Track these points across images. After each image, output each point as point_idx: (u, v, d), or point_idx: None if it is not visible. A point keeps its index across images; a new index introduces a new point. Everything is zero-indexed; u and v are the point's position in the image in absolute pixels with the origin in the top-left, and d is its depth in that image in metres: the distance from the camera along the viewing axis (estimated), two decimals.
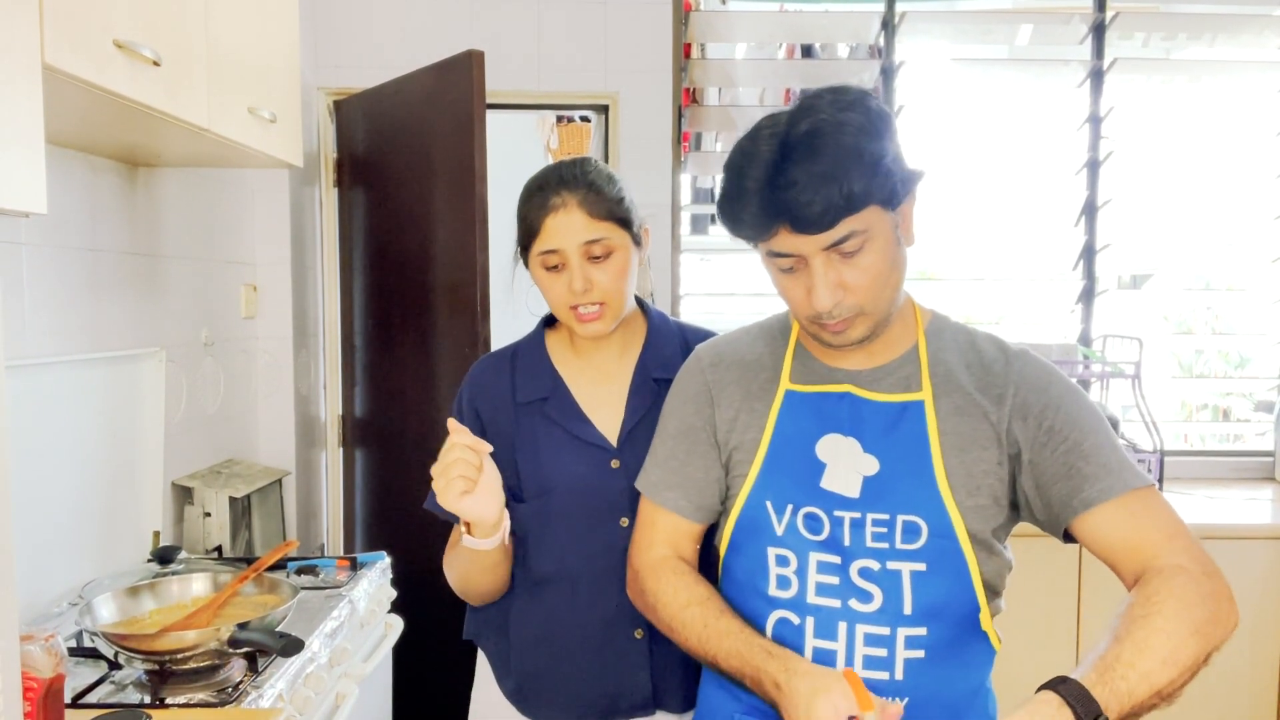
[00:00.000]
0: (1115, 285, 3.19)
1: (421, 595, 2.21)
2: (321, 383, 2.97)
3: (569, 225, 1.26)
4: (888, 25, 2.99)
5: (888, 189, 0.98)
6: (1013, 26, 3.39)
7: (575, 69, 2.88)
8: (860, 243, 0.99)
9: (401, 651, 2.05)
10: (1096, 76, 3.01)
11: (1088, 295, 3.07)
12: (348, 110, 2.84)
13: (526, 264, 1.34)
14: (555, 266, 1.28)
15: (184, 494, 2.20)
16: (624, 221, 1.29)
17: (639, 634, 1.31)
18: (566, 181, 1.28)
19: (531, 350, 1.40)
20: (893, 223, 1.02)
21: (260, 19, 1.86)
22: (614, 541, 1.30)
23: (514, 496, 1.32)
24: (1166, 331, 4.11)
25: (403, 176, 2.64)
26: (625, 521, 1.30)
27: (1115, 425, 2.75)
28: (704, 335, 1.38)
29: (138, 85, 1.36)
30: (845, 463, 1.08)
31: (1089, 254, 3.06)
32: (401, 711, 2.20)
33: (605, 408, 1.35)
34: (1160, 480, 2.70)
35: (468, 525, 1.23)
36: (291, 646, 1.40)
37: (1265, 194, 3.09)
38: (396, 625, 2.00)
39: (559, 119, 4.11)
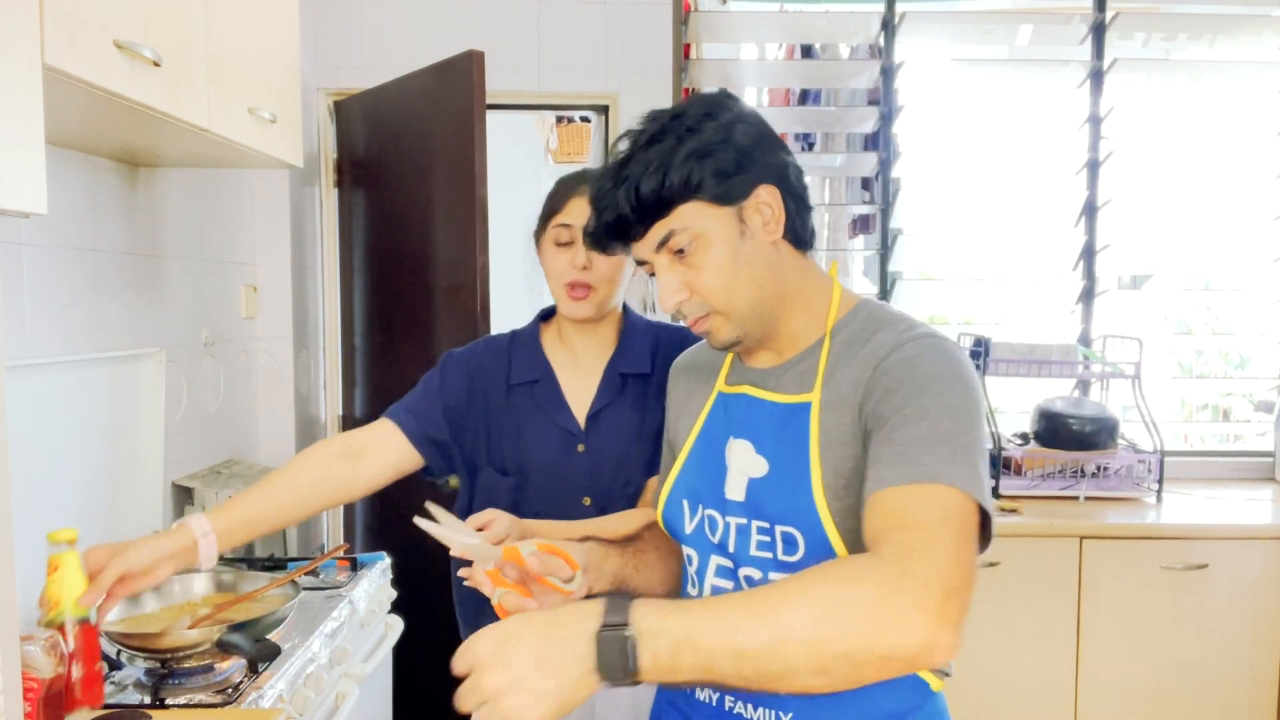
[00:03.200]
0: (1115, 285, 3.19)
1: (421, 595, 2.21)
2: (321, 383, 2.97)
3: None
4: (888, 25, 2.99)
5: (701, 186, 0.98)
6: (1013, 27, 3.39)
7: (575, 69, 2.88)
8: (686, 240, 1.00)
9: (401, 651, 2.05)
10: (1096, 77, 3.01)
11: (1088, 295, 3.07)
12: (348, 110, 2.84)
13: (539, 246, 1.50)
14: (567, 242, 1.43)
15: (184, 494, 2.20)
16: None
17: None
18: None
19: (528, 338, 1.54)
20: (733, 218, 1.01)
21: (260, 19, 1.86)
22: (576, 519, 1.40)
23: (500, 470, 1.47)
24: (1166, 332, 4.10)
25: (403, 177, 2.64)
26: (588, 501, 1.44)
27: (1114, 426, 2.75)
28: (675, 333, 1.51)
29: (138, 85, 1.36)
30: (737, 465, 1.06)
31: (1089, 254, 3.06)
32: (401, 711, 2.20)
33: (579, 397, 1.48)
34: (1160, 480, 2.70)
35: None
36: (265, 652, 1.40)
37: (1265, 194, 3.10)
38: (396, 625, 2.00)
39: (559, 119, 4.11)
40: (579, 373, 1.50)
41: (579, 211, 1.39)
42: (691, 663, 0.78)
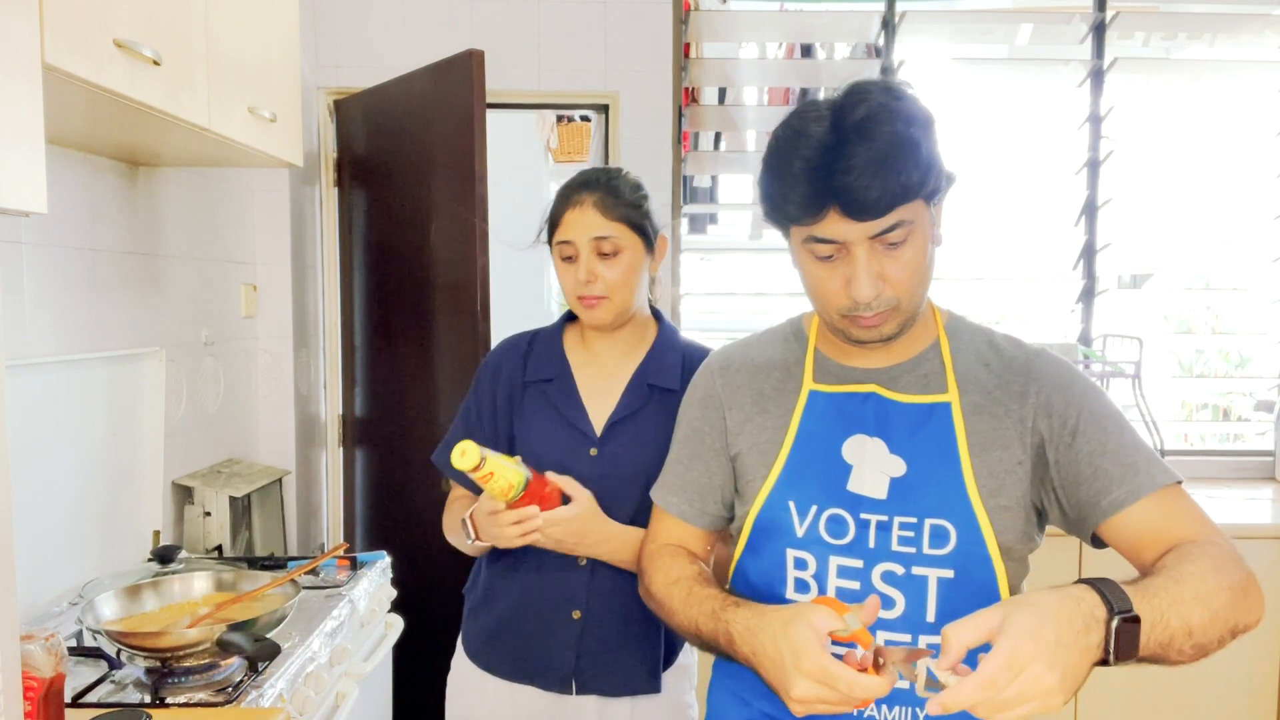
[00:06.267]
0: (1115, 285, 3.19)
1: (421, 595, 2.21)
2: (321, 383, 2.97)
3: (582, 220, 1.39)
4: (888, 25, 2.99)
5: (933, 183, 0.98)
6: (1013, 26, 3.39)
7: (575, 69, 2.88)
8: (905, 234, 0.98)
9: (401, 651, 2.05)
10: (1096, 76, 3.01)
11: (1088, 295, 3.07)
12: (348, 110, 2.84)
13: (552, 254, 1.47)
14: (569, 257, 1.41)
15: (184, 493, 2.20)
16: (636, 226, 1.41)
17: (576, 615, 1.42)
18: (589, 184, 1.42)
19: (549, 337, 1.52)
20: (931, 219, 1.01)
21: (260, 19, 1.86)
22: None
23: None
24: (1166, 331, 4.11)
25: (403, 176, 2.64)
26: None
27: None
28: (704, 355, 1.45)
29: (138, 85, 1.36)
30: (872, 464, 1.05)
31: (1089, 254, 3.06)
32: (401, 711, 2.20)
33: (599, 401, 1.45)
34: None
35: (475, 527, 1.37)
36: (264, 651, 1.40)
37: (1265, 194, 3.09)
38: (396, 625, 2.00)
39: (559, 119, 4.12)
40: (601, 375, 1.47)
41: (574, 226, 1.39)
42: (1158, 639, 0.84)
